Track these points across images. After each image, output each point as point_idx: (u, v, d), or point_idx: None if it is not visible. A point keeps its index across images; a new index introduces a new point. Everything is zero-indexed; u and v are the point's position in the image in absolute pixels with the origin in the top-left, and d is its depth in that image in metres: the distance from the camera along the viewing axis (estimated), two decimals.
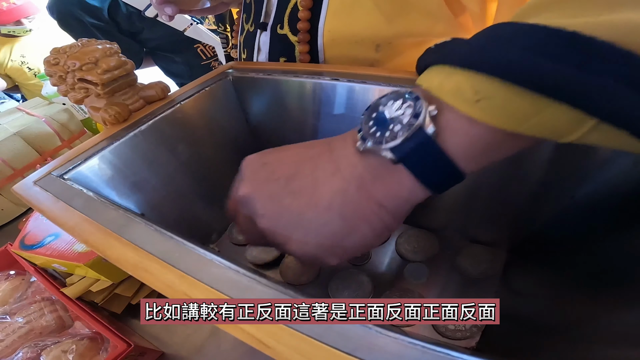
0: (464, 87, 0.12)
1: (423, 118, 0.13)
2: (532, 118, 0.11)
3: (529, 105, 0.11)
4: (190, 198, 0.30)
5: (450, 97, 0.13)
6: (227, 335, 0.29)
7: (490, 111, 0.12)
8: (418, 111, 0.13)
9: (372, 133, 0.14)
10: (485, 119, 0.12)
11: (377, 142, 0.14)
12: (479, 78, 0.12)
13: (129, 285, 0.32)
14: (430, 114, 0.13)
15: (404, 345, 0.12)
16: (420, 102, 0.13)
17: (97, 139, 0.25)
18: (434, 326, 0.24)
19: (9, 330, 0.32)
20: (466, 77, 0.12)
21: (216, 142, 0.32)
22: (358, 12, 0.30)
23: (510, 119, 0.12)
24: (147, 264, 0.15)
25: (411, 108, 0.14)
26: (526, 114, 0.11)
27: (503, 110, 0.12)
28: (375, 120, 0.15)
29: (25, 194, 0.21)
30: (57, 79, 0.27)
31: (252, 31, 0.38)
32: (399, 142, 0.13)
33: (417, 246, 0.29)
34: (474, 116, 0.12)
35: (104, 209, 0.18)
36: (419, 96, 0.14)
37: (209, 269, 0.14)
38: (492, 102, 0.12)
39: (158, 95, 0.29)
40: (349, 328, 0.12)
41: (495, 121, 0.12)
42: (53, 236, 0.34)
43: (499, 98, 0.12)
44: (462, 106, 0.13)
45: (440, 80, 0.13)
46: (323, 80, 0.28)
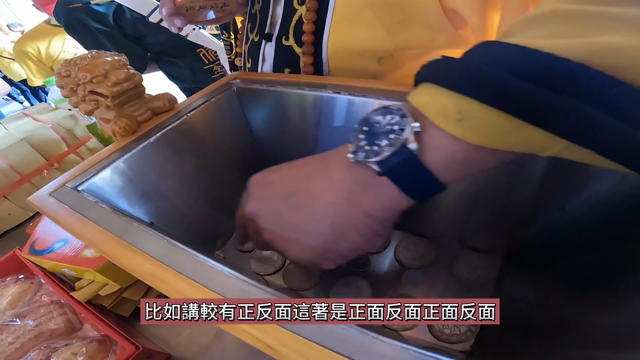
0: (448, 107, 0.13)
1: (407, 135, 0.14)
2: (510, 136, 0.13)
3: (506, 125, 0.12)
4: (197, 206, 0.31)
5: (435, 115, 0.14)
6: (232, 338, 0.30)
7: (471, 130, 0.13)
8: (403, 128, 0.15)
9: (361, 146, 0.16)
10: (466, 137, 0.13)
11: (366, 155, 0.15)
12: (461, 99, 0.13)
13: (137, 289, 0.33)
14: (414, 130, 0.14)
15: (399, 350, 0.13)
16: (406, 119, 0.15)
17: (108, 150, 0.26)
18: (430, 330, 0.25)
19: (19, 333, 0.33)
20: (450, 98, 0.13)
21: (221, 152, 0.33)
22: (360, 25, 0.31)
23: (490, 137, 0.13)
24: (162, 274, 0.16)
25: (398, 124, 0.15)
26: (504, 132, 0.13)
27: (483, 129, 0.13)
28: (365, 134, 0.16)
29: (41, 205, 0.22)
30: (69, 91, 0.28)
31: (256, 41, 0.39)
32: (385, 157, 0.15)
33: (415, 253, 0.30)
34: (456, 134, 0.13)
35: (119, 220, 0.19)
36: (405, 113, 0.15)
37: (221, 279, 0.16)
38: (473, 122, 0.13)
39: (165, 107, 0.30)
40: (349, 334, 0.13)
41: (475, 139, 0.13)
42: (62, 242, 0.35)
43: (479, 118, 0.13)
44: (445, 125, 0.14)
45: (427, 99, 0.15)
46: (325, 93, 0.29)
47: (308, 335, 0.13)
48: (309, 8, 0.32)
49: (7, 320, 0.34)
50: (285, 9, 0.34)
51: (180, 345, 0.31)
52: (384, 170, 0.15)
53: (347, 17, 0.31)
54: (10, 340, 0.33)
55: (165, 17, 0.33)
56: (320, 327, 0.14)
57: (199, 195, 0.31)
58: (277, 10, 0.35)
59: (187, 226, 0.30)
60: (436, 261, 0.29)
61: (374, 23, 0.30)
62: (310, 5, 0.31)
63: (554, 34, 0.12)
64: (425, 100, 0.15)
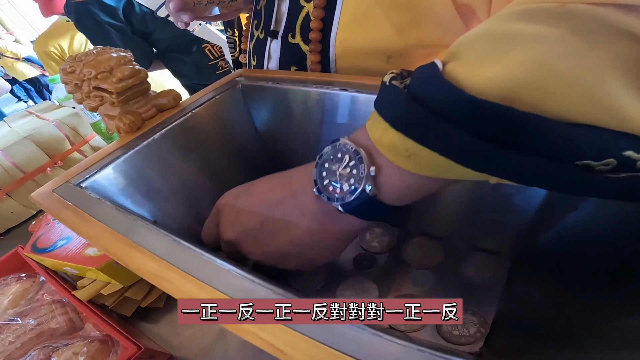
0: (397, 144, 0.15)
1: (365, 182, 0.17)
2: (452, 170, 0.14)
3: (445, 162, 0.14)
4: (201, 205, 0.30)
5: (387, 151, 0.16)
6: (234, 338, 0.30)
7: (418, 164, 0.15)
8: (362, 175, 0.17)
9: (325, 186, 0.18)
10: (415, 170, 0.15)
11: (330, 199, 0.18)
12: (406, 139, 0.14)
13: (139, 289, 0.33)
14: (370, 174, 0.16)
15: (413, 352, 0.12)
16: (363, 164, 0.17)
17: (112, 147, 0.25)
18: (438, 331, 0.24)
19: (20, 332, 0.33)
20: (398, 136, 0.15)
21: (225, 150, 0.33)
22: (369, 23, 0.30)
23: (435, 170, 0.15)
24: (167, 274, 0.15)
25: (356, 168, 0.17)
26: (446, 168, 0.14)
27: (428, 164, 0.14)
28: (326, 172, 0.19)
29: (44, 202, 0.21)
30: (73, 86, 0.27)
31: (262, 38, 0.38)
32: (347, 202, 0.17)
33: (423, 254, 0.29)
34: (406, 168, 0.15)
35: (123, 218, 0.19)
36: (362, 157, 0.17)
37: (227, 279, 0.15)
38: (418, 158, 0.14)
39: (170, 104, 0.29)
40: (361, 336, 0.13)
41: (423, 172, 0.15)
42: (65, 240, 0.35)
43: (423, 156, 0.14)
44: (397, 160, 0.15)
45: (380, 135, 0.16)
46: (331, 90, 0.28)
47: (320, 337, 0.13)
48: (317, 5, 0.31)
49: (8, 319, 0.34)
50: (291, 6, 0.34)
51: (182, 346, 0.31)
52: (347, 210, 0.18)
53: (355, 15, 0.30)
54: (10, 340, 0.32)
55: (173, 12, 0.33)
56: (330, 328, 0.13)
57: (203, 194, 0.31)
58: (283, 7, 0.35)
59: (190, 225, 0.30)
60: (444, 262, 0.28)
61: (383, 21, 0.30)
62: (318, 2, 0.31)
63: (482, 58, 0.13)
64: (379, 136, 0.16)
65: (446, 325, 0.24)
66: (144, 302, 0.33)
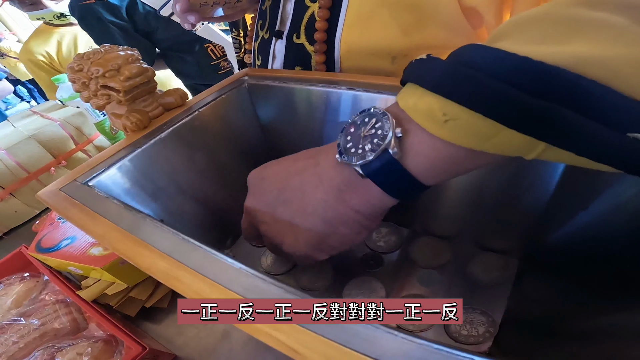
0: (434, 109, 0.14)
1: (389, 141, 0.15)
2: (492, 138, 0.13)
3: (488, 127, 0.13)
4: (207, 204, 0.30)
5: (422, 118, 0.14)
6: (239, 338, 0.30)
7: (456, 131, 0.13)
8: (385, 133, 0.15)
9: (348, 148, 0.17)
10: (452, 139, 0.14)
11: (350, 158, 0.17)
12: (446, 102, 0.13)
13: (143, 289, 0.33)
14: (396, 135, 0.15)
15: (429, 351, 0.12)
16: (389, 123, 0.15)
17: (118, 146, 0.25)
18: (446, 331, 0.24)
19: (24, 332, 0.33)
20: (436, 100, 0.14)
21: (231, 149, 0.32)
22: (375, 24, 0.30)
23: (474, 138, 0.13)
24: (177, 272, 0.15)
25: (381, 129, 0.16)
26: (487, 134, 0.13)
27: (467, 131, 0.13)
28: (351, 135, 0.17)
29: (51, 200, 0.21)
30: (81, 85, 0.27)
31: (267, 38, 0.38)
32: (367, 161, 0.16)
33: (430, 254, 0.29)
34: (442, 136, 0.14)
35: (132, 216, 0.19)
36: (389, 117, 0.16)
37: (239, 278, 0.15)
38: (457, 123, 0.13)
39: (177, 102, 0.29)
40: (376, 334, 0.13)
41: (460, 140, 0.14)
42: (69, 239, 0.35)
43: (464, 120, 0.13)
44: (432, 127, 0.14)
45: (414, 101, 0.15)
46: (336, 89, 0.28)
47: (333, 336, 0.13)
48: (322, 5, 0.31)
49: (11, 319, 0.33)
50: (296, 6, 0.34)
51: (186, 346, 0.31)
52: (366, 173, 0.16)
53: (360, 15, 0.30)
54: (14, 340, 0.32)
55: (179, 14, 0.33)
56: (344, 328, 0.13)
57: (209, 193, 0.30)
58: (288, 7, 0.35)
59: (196, 224, 0.29)
60: (451, 262, 0.28)
61: (388, 22, 0.29)
62: (323, 2, 0.31)
63: (542, 39, 0.12)
64: (413, 103, 0.15)
65: (454, 325, 0.24)
66: (148, 302, 0.33)
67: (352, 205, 0.18)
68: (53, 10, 0.96)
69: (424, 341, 0.12)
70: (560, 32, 0.12)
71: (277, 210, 0.20)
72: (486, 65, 0.12)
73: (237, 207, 0.32)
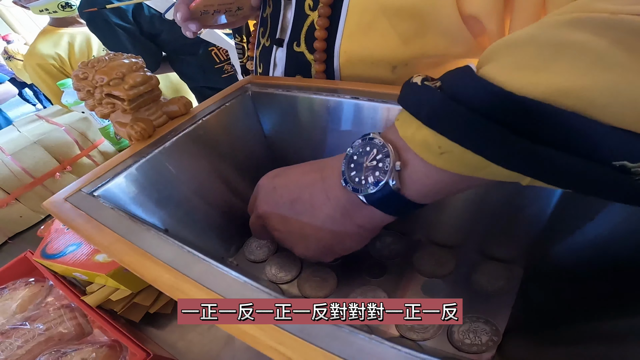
0: (430, 142, 0.15)
1: (389, 175, 0.17)
2: (484, 169, 0.14)
3: (478, 161, 0.14)
4: (210, 213, 0.30)
5: (419, 149, 0.16)
6: (242, 345, 0.30)
7: (451, 162, 0.15)
8: (386, 168, 0.17)
9: (352, 177, 0.19)
10: (447, 168, 0.15)
11: (355, 189, 0.19)
12: (440, 137, 0.14)
13: (147, 295, 0.33)
14: (396, 169, 0.17)
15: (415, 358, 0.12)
16: (389, 159, 0.17)
17: (123, 155, 0.26)
18: (449, 340, 0.24)
19: (29, 337, 0.33)
20: (431, 134, 0.15)
21: (235, 158, 0.33)
22: (374, 33, 0.30)
23: (468, 168, 0.15)
24: (182, 285, 0.15)
25: (382, 162, 0.17)
26: (478, 166, 0.14)
27: (461, 161, 0.14)
28: (354, 164, 0.19)
29: (57, 210, 0.22)
30: (85, 93, 0.27)
31: (268, 46, 0.38)
32: (370, 193, 0.18)
33: (434, 262, 0.29)
34: (438, 165, 0.15)
35: (137, 228, 0.19)
36: (389, 151, 0.17)
37: (243, 291, 0.15)
38: (452, 155, 0.14)
39: (181, 111, 0.30)
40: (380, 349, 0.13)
41: (455, 169, 0.15)
42: (74, 246, 0.35)
43: (457, 153, 0.14)
44: (429, 158, 0.15)
45: (412, 132, 0.16)
46: (340, 97, 0.28)
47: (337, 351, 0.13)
48: (321, 14, 0.31)
49: (16, 323, 0.34)
50: (296, 14, 0.34)
51: (189, 352, 0.31)
52: (369, 202, 0.18)
53: (360, 24, 0.30)
54: (18, 344, 0.33)
55: (180, 22, 0.33)
56: (349, 343, 0.13)
57: (212, 202, 0.31)
58: (288, 15, 0.35)
59: (200, 232, 0.30)
60: (455, 271, 0.28)
61: (388, 31, 0.29)
62: (322, 11, 0.31)
63: (526, 64, 0.13)
64: (411, 134, 0.16)
65: (458, 334, 0.24)
66: (152, 308, 0.33)
67: (356, 222, 0.20)
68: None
69: (427, 356, 0.12)
70: (543, 57, 0.12)
71: (290, 220, 0.23)
72: (470, 98, 0.13)
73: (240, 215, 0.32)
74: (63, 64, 0.99)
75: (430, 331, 0.24)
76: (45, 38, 0.98)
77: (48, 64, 0.96)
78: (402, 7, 0.28)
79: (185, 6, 0.32)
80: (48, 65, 0.96)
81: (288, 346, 0.13)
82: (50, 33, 0.98)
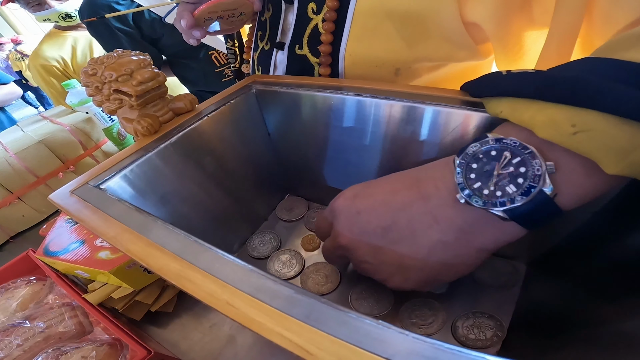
0: (559, 120, 0.12)
1: (542, 180, 0.13)
2: (631, 154, 0.11)
3: (627, 138, 0.11)
4: (215, 209, 0.30)
5: (543, 131, 0.13)
6: (244, 343, 0.30)
7: (587, 143, 0.12)
8: (537, 172, 0.14)
9: (475, 189, 0.15)
10: (580, 151, 0.12)
11: (488, 203, 0.15)
12: (575, 111, 0.12)
13: (149, 293, 0.33)
14: (550, 171, 0.14)
15: (441, 350, 0.12)
16: (538, 161, 0.14)
17: (129, 150, 0.26)
18: (453, 335, 0.24)
19: (29, 335, 0.33)
20: (560, 111, 0.12)
21: (239, 155, 0.33)
22: (379, 37, 0.30)
23: (608, 153, 0.12)
24: (189, 273, 0.15)
25: (524, 166, 0.14)
26: (624, 148, 0.11)
27: (601, 143, 0.12)
28: (476, 172, 0.15)
29: (63, 203, 0.22)
30: (94, 89, 0.28)
31: (267, 49, 0.38)
32: (516, 205, 0.14)
33: None
34: (570, 148, 0.13)
35: (143, 219, 0.19)
36: (533, 152, 0.14)
37: (249, 279, 0.15)
38: (590, 134, 0.12)
39: (186, 107, 0.30)
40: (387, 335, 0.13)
41: (592, 153, 0.12)
42: (77, 243, 0.35)
43: (598, 130, 0.12)
44: (558, 139, 0.13)
45: (531, 114, 0.14)
46: (344, 95, 0.29)
47: (344, 336, 0.13)
48: (327, 18, 0.31)
49: (16, 322, 0.33)
50: (298, 18, 0.34)
51: (191, 350, 0.31)
52: (512, 217, 0.15)
53: (366, 28, 0.31)
54: (18, 342, 0.32)
55: (184, 30, 0.34)
56: (356, 328, 0.13)
57: (217, 198, 0.31)
58: (289, 19, 0.35)
59: (203, 229, 0.30)
60: None
61: (393, 35, 0.30)
62: (328, 15, 0.31)
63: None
64: (529, 116, 0.13)
65: (462, 329, 0.24)
66: (154, 306, 0.33)
67: (476, 245, 0.17)
68: (57, 10, 0.95)
69: (435, 341, 0.12)
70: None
71: (383, 250, 0.19)
72: (615, 75, 0.12)
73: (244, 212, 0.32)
74: (65, 67, 1.01)
75: (434, 326, 0.24)
76: (50, 41, 1.01)
77: (51, 66, 0.98)
78: (407, 13, 0.28)
79: (189, 13, 0.32)
80: (51, 67, 0.98)
81: (294, 332, 0.13)
82: (55, 36, 1.02)
